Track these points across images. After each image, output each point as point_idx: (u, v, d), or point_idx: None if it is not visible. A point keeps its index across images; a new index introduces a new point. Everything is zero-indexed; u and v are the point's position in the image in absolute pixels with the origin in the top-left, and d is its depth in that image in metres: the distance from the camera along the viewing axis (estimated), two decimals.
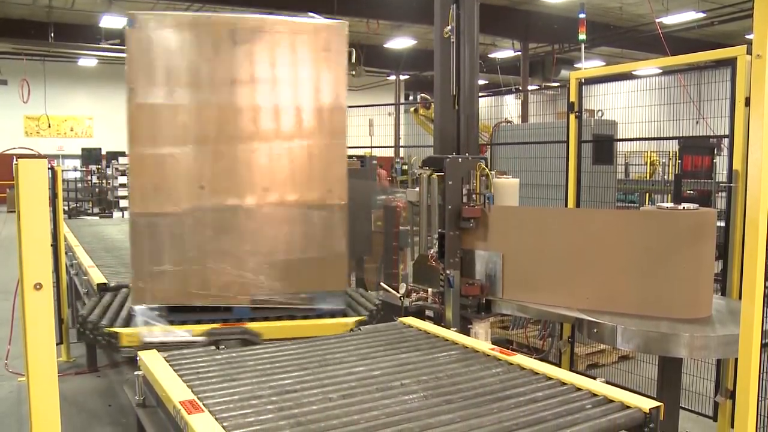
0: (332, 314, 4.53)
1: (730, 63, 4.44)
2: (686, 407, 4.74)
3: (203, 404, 2.66)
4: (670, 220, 3.82)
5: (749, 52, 3.57)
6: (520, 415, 2.59)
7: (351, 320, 4.41)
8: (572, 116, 5.57)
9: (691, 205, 3.89)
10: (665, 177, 13.15)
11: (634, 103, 8.12)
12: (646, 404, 2.67)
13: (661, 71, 7.79)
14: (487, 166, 4.66)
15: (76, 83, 27.69)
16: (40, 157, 2.20)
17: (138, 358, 3.35)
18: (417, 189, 4.97)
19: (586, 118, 7.24)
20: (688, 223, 3.79)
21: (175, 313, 4.31)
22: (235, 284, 4.37)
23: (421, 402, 2.75)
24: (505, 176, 5.13)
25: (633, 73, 8.19)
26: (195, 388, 2.85)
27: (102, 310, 4.49)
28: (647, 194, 11.43)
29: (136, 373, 3.22)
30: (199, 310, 4.37)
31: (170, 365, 3.17)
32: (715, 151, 9.52)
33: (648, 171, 16.28)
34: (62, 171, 7.07)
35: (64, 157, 26.75)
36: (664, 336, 3.50)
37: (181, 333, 4.11)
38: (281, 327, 4.37)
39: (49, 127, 27.07)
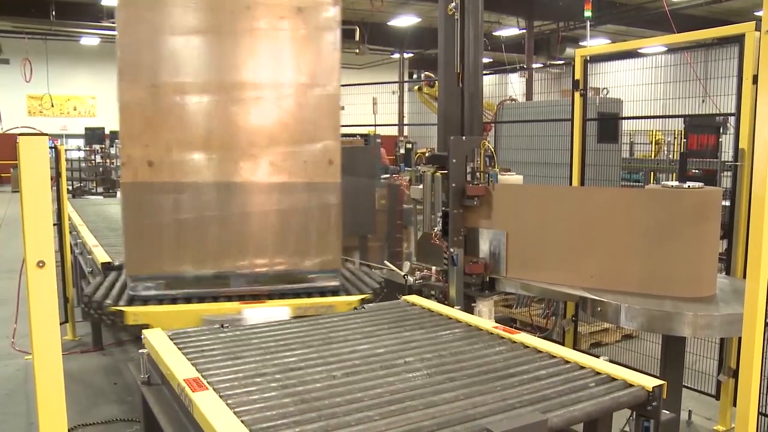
0: (327, 292, 4.54)
1: (738, 40, 4.40)
2: (689, 386, 4.76)
3: (207, 382, 2.67)
4: (674, 198, 3.81)
5: (758, 28, 3.53)
6: (524, 392, 2.60)
7: (355, 298, 4.42)
8: (577, 94, 5.53)
9: (696, 184, 3.88)
10: (670, 156, 13.09)
11: (640, 81, 8.07)
12: (649, 383, 2.67)
13: (667, 49, 7.72)
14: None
15: (78, 62, 27.58)
16: (41, 134, 2.19)
17: (142, 337, 3.37)
18: (421, 187, 4.96)
19: (591, 96, 7.20)
20: (693, 201, 3.78)
21: (169, 288, 4.31)
22: (229, 259, 4.36)
23: (425, 380, 2.76)
24: (509, 173, 5.12)
25: (639, 50, 8.13)
26: (199, 366, 2.87)
27: (107, 289, 4.51)
28: (652, 173, 11.37)
29: (140, 351, 3.23)
30: (194, 285, 4.37)
31: (174, 343, 3.19)
32: (721, 130, 9.46)
33: (653, 150, 16.21)
34: (66, 150, 7.07)
35: (68, 136, 26.72)
36: (668, 315, 3.50)
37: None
38: (281, 305, 4.35)
39: (52, 106, 27.02)
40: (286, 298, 4.43)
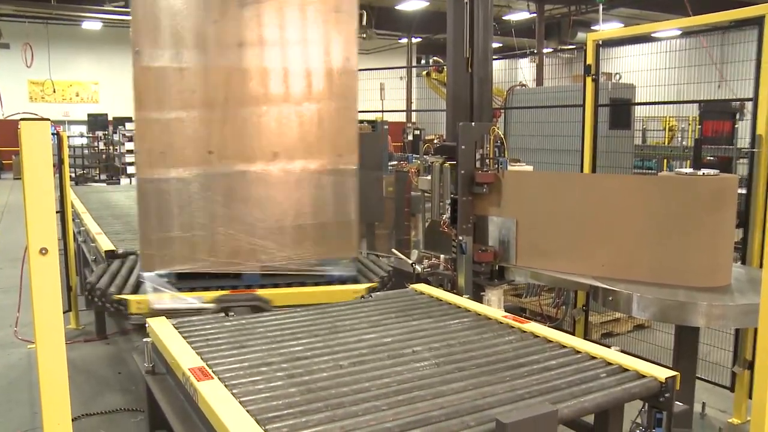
0: (342, 281, 4.53)
1: (757, 22, 4.34)
2: (703, 377, 4.75)
3: (213, 371, 2.69)
4: (689, 185, 3.79)
5: None
6: (533, 383, 2.60)
7: (362, 287, 4.42)
8: (589, 79, 5.49)
9: (711, 171, 3.85)
10: (684, 143, 13.01)
11: (653, 66, 8.00)
12: (662, 373, 2.67)
13: (681, 32, 7.66)
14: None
15: (80, 47, 27.56)
16: (43, 120, 2.19)
17: (147, 325, 3.38)
18: (429, 177, 4.95)
19: (603, 81, 7.16)
20: (707, 189, 3.75)
21: (184, 281, 4.33)
22: (244, 250, 4.38)
23: (433, 369, 2.76)
24: (518, 164, 5.10)
25: (652, 35, 8.06)
26: (204, 355, 2.88)
27: (110, 277, 4.53)
28: (665, 160, 11.32)
29: (145, 340, 3.25)
30: (209, 278, 4.39)
31: (179, 332, 3.20)
32: (737, 116, 9.39)
33: (666, 136, 16.12)
34: (68, 137, 7.07)
35: (70, 123, 26.78)
36: (681, 304, 3.49)
37: (191, 300, 4.13)
38: (291, 294, 4.38)
39: (54, 92, 27.01)
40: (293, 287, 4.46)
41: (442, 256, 4.81)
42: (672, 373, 2.68)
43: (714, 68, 7.75)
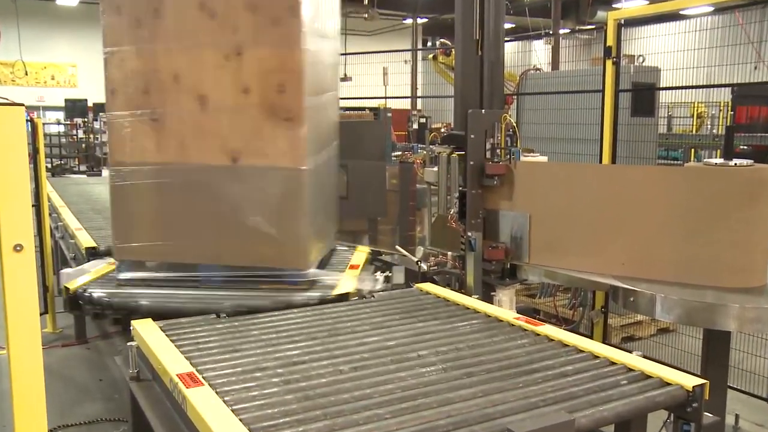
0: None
1: None
2: (735, 387, 4.75)
3: (203, 377, 2.70)
4: (719, 177, 3.79)
5: None
6: (548, 390, 2.61)
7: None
8: (609, 62, 5.50)
9: (745, 161, 3.85)
10: (714, 131, 12.95)
11: (681, 47, 7.97)
12: (689, 381, 2.66)
13: (714, 9, 7.63)
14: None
15: (55, 26, 27.44)
16: (16, 104, 2.19)
17: (132, 328, 3.39)
18: (435, 169, 4.95)
19: (625, 64, 7.16)
20: (740, 180, 3.75)
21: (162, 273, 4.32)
22: (208, 246, 4.34)
23: (440, 375, 2.78)
24: (532, 154, 5.10)
25: (680, 12, 8.03)
26: (194, 360, 2.90)
27: (91, 276, 4.53)
28: (693, 150, 11.28)
29: (129, 344, 3.26)
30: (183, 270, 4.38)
31: (167, 335, 3.22)
32: None
33: (694, 124, 16.07)
34: (44, 124, 7.08)
35: (45, 108, 26.65)
36: (710, 306, 3.49)
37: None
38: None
39: (26, 74, 26.90)
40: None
41: (449, 253, 4.82)
42: (700, 381, 2.67)
43: (751, 48, 7.68)
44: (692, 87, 7.81)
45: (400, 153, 8.09)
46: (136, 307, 3.91)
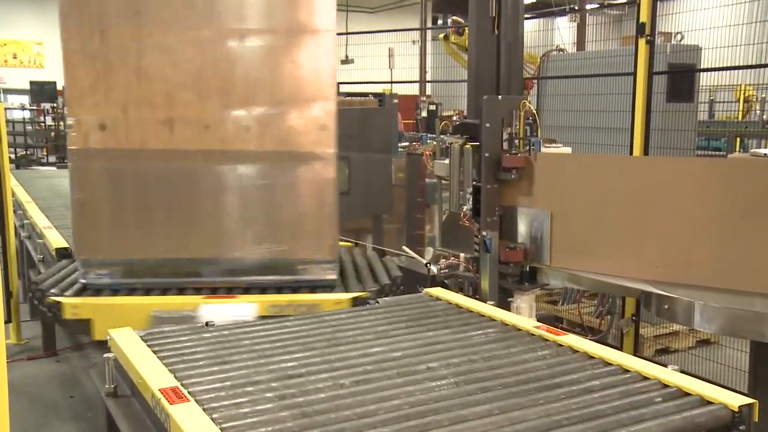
0: (325, 287, 4.57)
1: None
2: None
3: (188, 392, 2.71)
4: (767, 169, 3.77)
5: None
6: (572, 407, 2.63)
7: (346, 296, 4.46)
8: (642, 41, 5.50)
9: None
10: (764, 117, 12.85)
11: (726, 22, 7.91)
12: (735, 400, 2.65)
13: None
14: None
15: None
16: None
17: (109, 338, 3.41)
18: (446, 161, 4.97)
19: (661, 43, 7.15)
20: None
21: (129, 276, 4.37)
22: (199, 240, 4.40)
23: (452, 390, 2.79)
24: (554, 144, 5.10)
25: None
26: (179, 373, 2.91)
27: (58, 279, 4.56)
28: (738, 139, 11.20)
29: (105, 355, 3.27)
30: (158, 273, 4.42)
31: (148, 346, 3.23)
32: None
33: (740, 109, 15.96)
34: (6, 109, 7.08)
35: (7, 91, 26.57)
36: (759, 316, 3.47)
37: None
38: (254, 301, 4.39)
39: None
40: (266, 293, 4.49)
41: (462, 254, 4.84)
42: (748, 400, 2.65)
43: None
44: (738, 68, 7.75)
45: (407, 144, 8.14)
46: None
